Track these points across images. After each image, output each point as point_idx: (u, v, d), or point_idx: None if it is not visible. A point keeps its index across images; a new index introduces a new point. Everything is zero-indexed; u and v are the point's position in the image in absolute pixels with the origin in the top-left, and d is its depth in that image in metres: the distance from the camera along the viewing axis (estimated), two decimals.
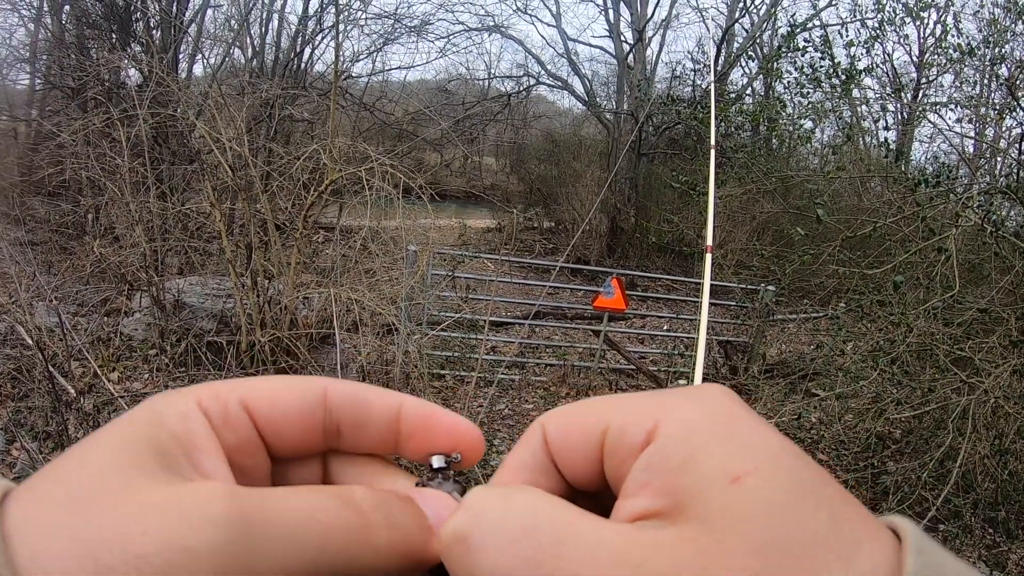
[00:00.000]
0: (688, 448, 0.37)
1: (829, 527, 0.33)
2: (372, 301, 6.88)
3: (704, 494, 0.34)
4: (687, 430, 0.38)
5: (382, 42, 21.65)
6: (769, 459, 0.36)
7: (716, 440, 0.37)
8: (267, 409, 0.45)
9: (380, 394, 0.49)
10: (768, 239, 11.93)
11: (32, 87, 16.83)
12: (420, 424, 0.49)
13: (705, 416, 0.38)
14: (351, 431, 0.48)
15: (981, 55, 8.64)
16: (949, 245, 5.50)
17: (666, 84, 21.45)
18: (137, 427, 0.40)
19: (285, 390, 0.47)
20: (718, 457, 0.36)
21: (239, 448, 0.44)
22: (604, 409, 0.43)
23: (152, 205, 7.45)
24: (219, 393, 0.45)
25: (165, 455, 0.39)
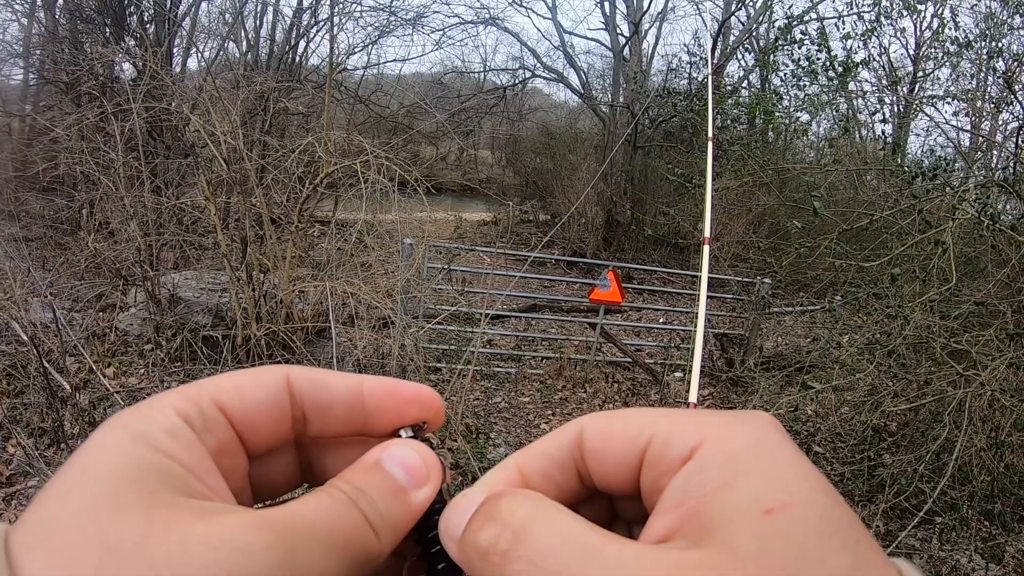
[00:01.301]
0: (726, 474, 0.37)
1: (849, 570, 0.34)
2: (368, 294, 6.88)
3: (735, 523, 0.35)
4: (728, 455, 0.38)
5: (377, 35, 21.61)
6: (804, 496, 0.36)
7: (756, 470, 0.37)
8: (239, 405, 0.45)
9: (341, 376, 0.50)
10: (764, 232, 11.96)
11: (26, 82, 16.78)
12: (385, 398, 0.50)
13: (749, 443, 0.39)
14: (317, 415, 0.49)
15: (978, 48, 8.64)
16: (946, 238, 5.50)
17: (662, 77, 21.43)
18: (130, 453, 0.38)
19: (251, 383, 0.46)
20: (755, 487, 0.36)
21: (220, 450, 0.43)
22: (650, 420, 0.43)
23: (147, 199, 7.44)
24: (191, 397, 0.44)
25: (174, 481, 0.38)
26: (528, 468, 0.47)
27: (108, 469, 0.37)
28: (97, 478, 0.37)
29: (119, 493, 0.36)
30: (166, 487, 0.37)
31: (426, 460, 0.47)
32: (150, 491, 0.36)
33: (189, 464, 0.40)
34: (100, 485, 0.36)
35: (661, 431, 0.42)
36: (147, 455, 0.39)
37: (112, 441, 0.39)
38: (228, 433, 0.44)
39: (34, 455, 5.23)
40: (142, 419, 0.41)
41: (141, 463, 0.38)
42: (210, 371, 7.01)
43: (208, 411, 0.43)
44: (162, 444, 0.40)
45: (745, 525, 0.35)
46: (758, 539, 0.34)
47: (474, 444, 6.89)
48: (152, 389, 6.64)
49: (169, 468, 0.39)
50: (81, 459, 0.38)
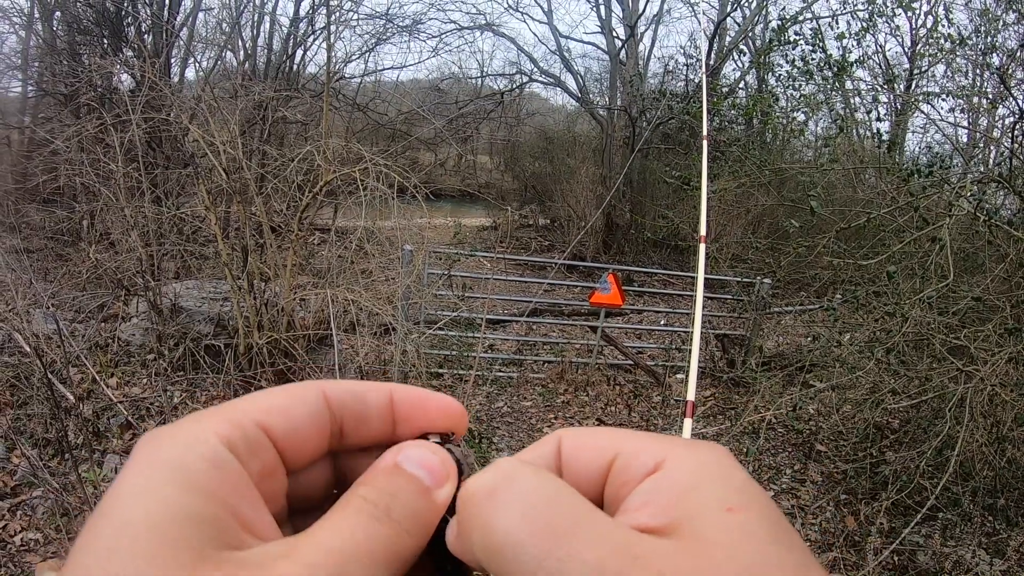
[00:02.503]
0: (693, 480, 0.40)
1: (797, 568, 0.37)
2: (369, 301, 6.89)
3: (701, 516, 0.38)
4: (691, 468, 0.41)
5: (374, 42, 21.67)
6: (759, 503, 0.39)
7: (718, 478, 0.40)
8: (283, 426, 0.45)
9: (372, 386, 0.51)
10: (763, 232, 11.96)
11: (24, 94, 16.78)
12: (414, 407, 0.51)
13: (708, 460, 0.42)
14: (353, 428, 0.49)
15: (973, 45, 8.66)
16: (943, 235, 5.51)
17: (659, 79, 21.47)
18: (171, 500, 0.37)
19: (293, 402, 0.46)
20: (718, 490, 0.39)
21: (263, 474, 0.43)
22: (619, 438, 0.46)
23: (147, 210, 7.46)
24: (234, 420, 0.43)
25: (218, 531, 0.37)
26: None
27: (148, 523, 0.35)
28: (136, 535, 0.35)
29: (161, 555, 0.34)
30: (210, 541, 0.36)
31: (443, 460, 0.47)
32: (194, 549, 0.35)
33: (234, 503, 0.39)
34: (140, 544, 0.35)
35: (629, 446, 0.44)
36: (189, 502, 0.37)
37: (151, 483, 0.38)
38: (272, 456, 0.44)
39: (38, 466, 5.24)
40: (183, 447, 0.40)
41: (183, 513, 0.36)
42: (212, 380, 7.02)
43: (252, 435, 0.43)
44: (205, 481, 0.38)
45: (711, 519, 0.38)
46: (723, 530, 0.37)
47: (477, 449, 6.90)
48: (155, 398, 6.65)
49: (213, 516, 0.37)
50: (119, 506, 0.37)
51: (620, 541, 0.37)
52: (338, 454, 0.52)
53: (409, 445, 0.48)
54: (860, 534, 5.47)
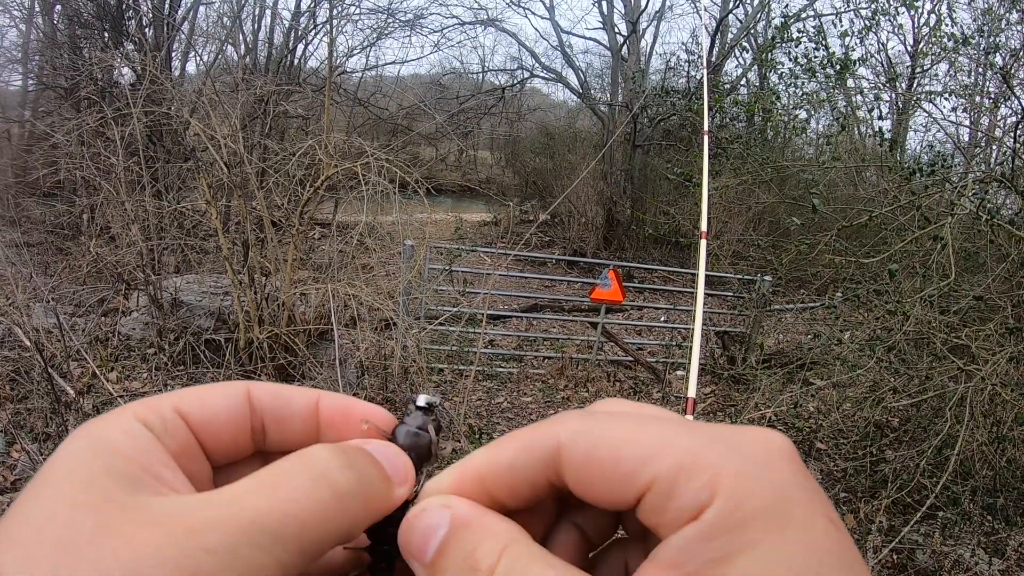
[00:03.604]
0: (736, 543, 0.35)
1: None
2: (370, 296, 6.88)
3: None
4: (741, 518, 0.36)
5: (375, 37, 21.65)
6: (820, 563, 0.35)
7: (769, 537, 0.35)
8: (199, 413, 0.47)
9: (300, 391, 0.52)
10: (764, 229, 11.97)
11: (25, 88, 16.78)
12: (337, 415, 0.51)
13: (763, 505, 0.36)
14: (275, 427, 0.50)
15: (976, 44, 8.65)
16: (945, 233, 5.51)
17: (660, 75, 21.43)
18: (87, 458, 0.40)
19: (211, 394, 0.48)
20: (765, 563, 0.35)
21: (180, 454, 0.45)
22: (647, 452, 0.39)
23: (148, 204, 7.45)
24: (152, 405, 0.45)
25: (128, 479, 0.39)
26: (492, 481, 0.45)
27: (66, 474, 0.39)
28: (57, 484, 0.38)
29: (74, 496, 0.37)
30: (120, 486, 0.38)
31: (407, 463, 0.48)
32: (103, 492, 0.38)
33: (145, 462, 0.41)
34: (58, 490, 0.38)
35: (664, 472, 0.38)
36: (103, 459, 0.40)
37: (73, 448, 0.40)
38: (188, 438, 0.46)
39: (38, 460, 5.23)
40: (103, 426, 0.43)
41: (96, 466, 0.39)
42: (213, 375, 7.02)
43: (168, 416, 0.45)
44: (119, 445, 0.41)
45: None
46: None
47: (477, 444, 6.89)
48: (155, 393, 6.63)
49: (124, 468, 0.40)
50: (46, 468, 0.40)
51: None
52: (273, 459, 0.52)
53: (377, 442, 0.48)
54: (859, 532, 5.46)
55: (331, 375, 6.64)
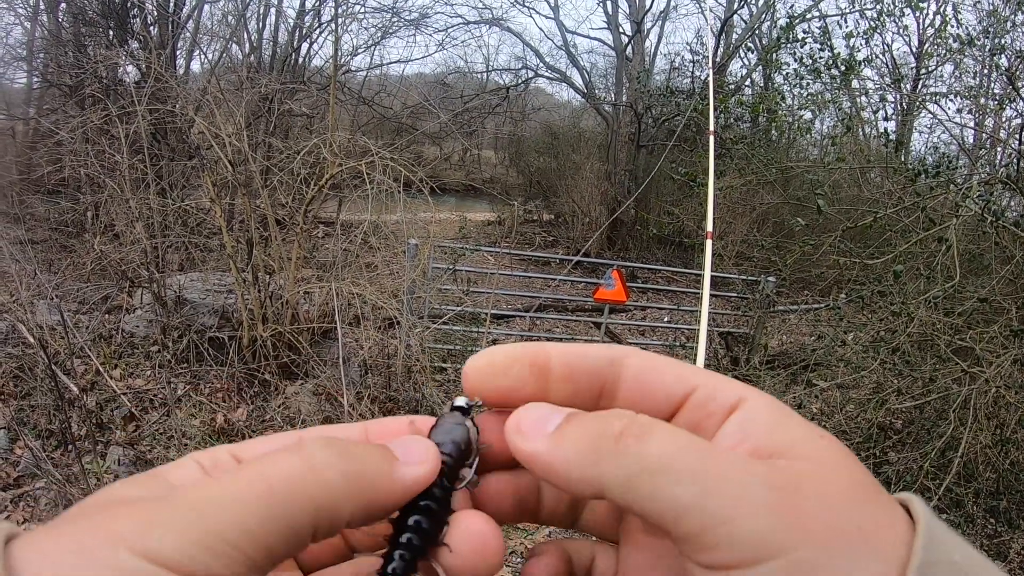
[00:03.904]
0: (775, 418, 0.45)
1: (875, 483, 0.42)
2: (373, 295, 6.89)
3: (800, 444, 0.43)
4: (770, 407, 0.45)
5: (380, 36, 21.62)
6: (827, 432, 0.44)
7: (793, 417, 0.45)
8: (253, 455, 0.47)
9: (343, 429, 0.52)
10: (768, 230, 11.93)
11: (30, 85, 16.77)
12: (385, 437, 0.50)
13: (778, 403, 0.46)
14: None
15: (981, 45, 8.62)
16: (949, 235, 5.50)
17: (665, 76, 21.41)
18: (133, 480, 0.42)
19: (268, 445, 0.50)
20: (801, 425, 0.44)
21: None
22: (691, 371, 0.49)
23: (152, 201, 7.45)
24: (210, 451, 0.48)
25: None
26: (560, 358, 0.50)
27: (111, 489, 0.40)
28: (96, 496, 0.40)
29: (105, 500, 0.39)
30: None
31: (428, 447, 0.47)
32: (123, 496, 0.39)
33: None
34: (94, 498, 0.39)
35: (707, 382, 0.47)
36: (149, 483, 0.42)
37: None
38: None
39: (41, 457, 5.25)
40: (167, 466, 0.45)
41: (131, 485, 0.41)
42: (216, 372, 7.02)
43: (222, 458, 0.48)
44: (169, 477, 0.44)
45: (810, 444, 0.43)
46: (826, 451, 0.43)
47: None
48: (159, 390, 6.65)
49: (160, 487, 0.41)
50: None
51: (753, 461, 0.41)
52: None
53: (408, 439, 0.48)
54: None
55: (335, 373, 6.64)
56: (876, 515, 0.40)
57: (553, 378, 0.50)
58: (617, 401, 0.49)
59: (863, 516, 0.39)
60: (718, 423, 0.46)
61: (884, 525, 0.39)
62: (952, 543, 0.39)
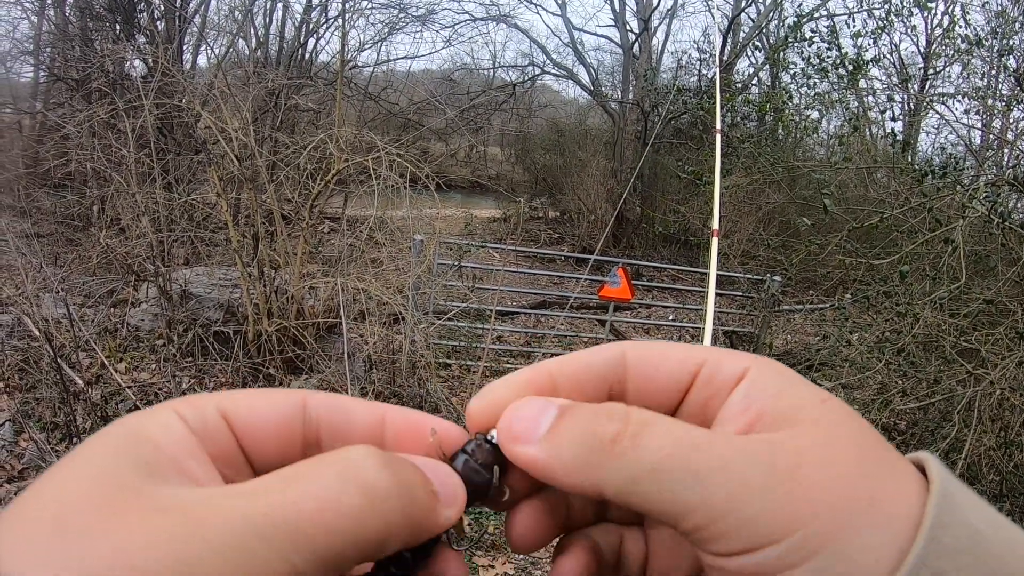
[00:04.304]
0: (779, 383, 0.45)
1: (879, 439, 0.42)
2: (378, 290, 6.89)
3: (804, 409, 0.43)
4: (774, 373, 0.46)
5: (387, 31, 21.63)
6: (831, 395, 0.44)
7: (797, 381, 0.45)
8: (245, 417, 0.44)
9: (362, 405, 0.49)
10: (774, 229, 11.93)
11: (36, 79, 16.80)
12: (406, 433, 0.48)
13: (782, 369, 0.46)
14: (332, 442, 0.47)
15: (989, 46, 8.60)
16: (956, 236, 5.49)
17: (672, 74, 21.38)
18: (114, 444, 0.39)
19: (262, 400, 0.46)
20: (805, 389, 0.45)
21: (219, 458, 0.42)
22: (693, 350, 0.49)
23: (158, 196, 7.46)
24: (196, 403, 0.43)
25: (150, 466, 0.37)
26: (563, 376, 0.49)
27: (86, 459, 0.37)
28: (75, 467, 0.37)
29: (88, 479, 0.36)
30: (138, 474, 0.37)
31: (459, 489, 0.45)
32: (117, 478, 0.36)
33: (174, 453, 0.39)
34: (73, 473, 0.36)
35: (711, 358, 0.48)
36: (128, 446, 0.38)
37: (102, 436, 0.39)
38: (229, 442, 0.44)
39: (46, 449, 5.26)
40: (139, 418, 0.41)
41: (118, 452, 0.38)
42: (221, 366, 7.04)
43: (211, 417, 0.43)
44: (150, 434, 0.40)
45: (813, 410, 0.43)
46: (830, 414, 0.43)
47: None
48: (163, 384, 6.66)
49: (148, 456, 0.38)
50: (72, 452, 0.38)
51: (746, 448, 0.41)
52: None
53: (429, 459, 0.46)
54: None
55: (339, 368, 6.65)
56: (885, 480, 0.40)
57: (561, 395, 0.49)
58: (627, 397, 0.49)
59: (871, 483, 0.39)
60: (725, 396, 0.46)
61: (894, 489, 0.39)
62: (969, 504, 0.39)
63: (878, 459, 0.41)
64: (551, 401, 0.46)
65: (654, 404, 0.47)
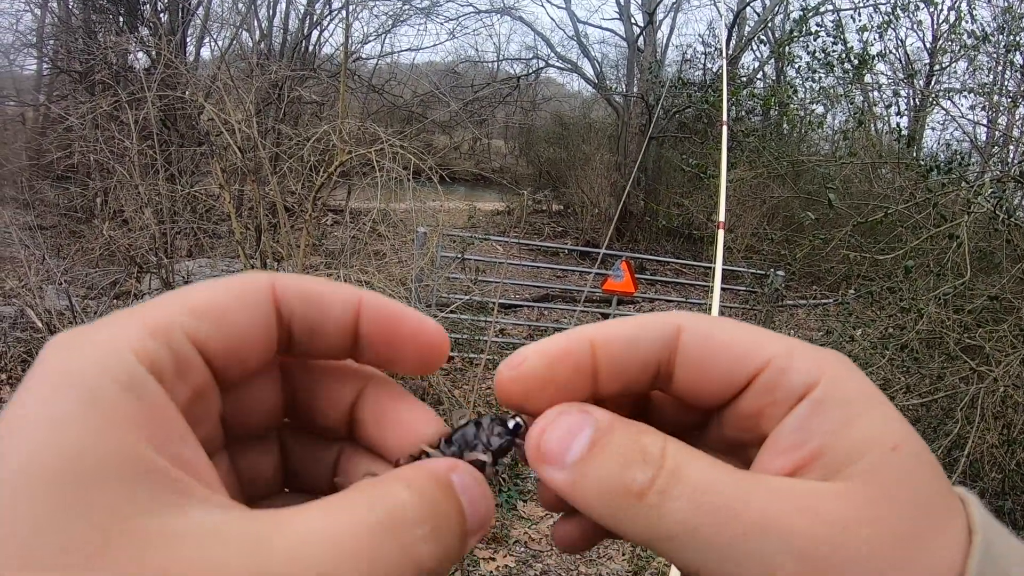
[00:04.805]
0: (847, 413, 0.39)
1: (951, 502, 0.38)
2: (381, 283, 6.88)
3: (866, 458, 0.37)
4: (846, 394, 0.40)
5: (391, 23, 21.62)
6: (910, 433, 0.39)
7: (874, 410, 0.39)
8: (218, 338, 0.37)
9: (336, 292, 0.43)
10: (778, 224, 11.91)
11: (39, 72, 16.84)
12: (381, 329, 0.44)
13: (862, 385, 0.40)
14: (304, 338, 0.42)
15: (995, 42, 8.57)
16: (961, 232, 5.47)
17: (676, 68, 21.36)
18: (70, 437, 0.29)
19: (233, 304, 0.38)
20: (877, 425, 0.39)
21: (193, 398, 0.36)
22: (759, 343, 0.42)
23: (161, 187, 7.46)
24: (159, 329, 0.35)
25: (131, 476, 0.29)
26: (605, 353, 0.43)
27: (38, 469, 0.28)
28: (21, 482, 0.27)
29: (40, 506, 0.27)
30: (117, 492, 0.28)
31: (487, 508, 0.39)
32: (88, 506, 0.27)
33: (158, 438, 0.31)
34: (24, 490, 0.27)
35: (777, 359, 0.41)
36: (109, 445, 0.29)
37: (63, 418, 0.29)
38: (204, 375, 0.37)
39: None
40: (93, 363, 0.32)
41: (103, 466, 0.28)
42: None
43: (181, 351, 0.35)
44: (124, 414, 0.30)
45: (876, 459, 0.37)
46: (891, 471, 0.37)
47: None
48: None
49: (137, 462, 0.29)
50: (8, 432, 0.29)
51: (793, 496, 0.36)
52: (290, 371, 0.46)
53: (466, 467, 0.39)
54: None
55: None
56: (926, 567, 0.35)
57: (601, 378, 0.44)
58: (674, 385, 0.44)
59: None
60: (782, 413, 0.40)
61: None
62: (1013, 555, 0.37)
63: (928, 539, 0.36)
64: (587, 419, 0.40)
65: (702, 397, 0.44)
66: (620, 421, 0.41)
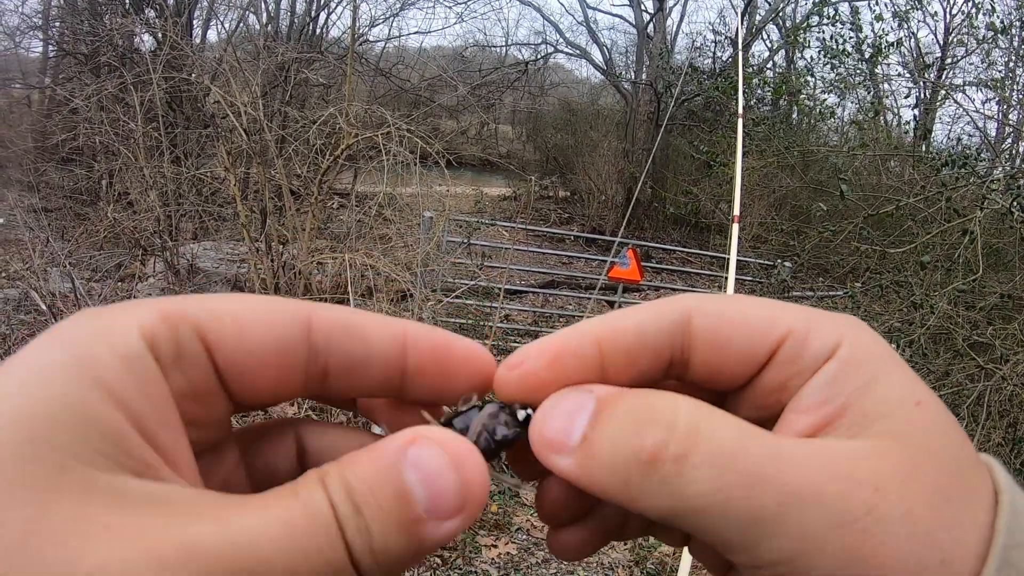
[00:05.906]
0: (871, 371, 0.38)
1: (975, 455, 0.37)
2: (387, 267, 6.87)
3: (893, 414, 0.36)
4: (868, 354, 0.39)
5: (399, 7, 21.55)
6: (930, 392, 0.38)
7: (896, 369, 0.38)
8: (231, 346, 0.36)
9: (380, 326, 0.40)
10: (786, 214, 11.87)
11: (45, 54, 16.82)
12: (431, 357, 0.41)
13: (880, 345, 0.40)
14: (344, 373, 0.40)
15: (1010, 37, 8.51)
16: (974, 227, 5.43)
17: (686, 55, 21.28)
18: (58, 393, 0.29)
19: (257, 317, 0.37)
20: (900, 383, 0.38)
21: (188, 393, 0.35)
22: (776, 315, 0.41)
23: (166, 170, 7.45)
24: (171, 318, 0.34)
25: (104, 444, 0.29)
26: (613, 346, 0.41)
27: (19, 417, 0.29)
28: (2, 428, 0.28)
29: (20, 461, 0.28)
30: (99, 458, 0.29)
31: (469, 483, 0.34)
32: (58, 462, 0.28)
33: (142, 416, 0.31)
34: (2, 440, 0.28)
35: (797, 327, 0.40)
36: (81, 397, 0.29)
37: (45, 367, 0.30)
38: (205, 375, 0.35)
39: None
40: (96, 336, 0.32)
41: (67, 412, 0.29)
42: None
43: (185, 342, 0.34)
44: (109, 378, 0.31)
45: (903, 415, 0.36)
46: (919, 426, 0.36)
47: None
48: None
49: (104, 422, 0.30)
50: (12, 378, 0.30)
51: (823, 461, 0.35)
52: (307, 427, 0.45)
53: (431, 440, 0.35)
54: None
55: None
56: (960, 529, 0.34)
57: (610, 374, 0.41)
58: (691, 371, 0.42)
59: (945, 537, 0.33)
60: (808, 377, 0.39)
61: (963, 548, 0.34)
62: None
63: (959, 497, 0.35)
64: (587, 396, 0.39)
65: (723, 379, 0.42)
66: (625, 390, 0.39)
